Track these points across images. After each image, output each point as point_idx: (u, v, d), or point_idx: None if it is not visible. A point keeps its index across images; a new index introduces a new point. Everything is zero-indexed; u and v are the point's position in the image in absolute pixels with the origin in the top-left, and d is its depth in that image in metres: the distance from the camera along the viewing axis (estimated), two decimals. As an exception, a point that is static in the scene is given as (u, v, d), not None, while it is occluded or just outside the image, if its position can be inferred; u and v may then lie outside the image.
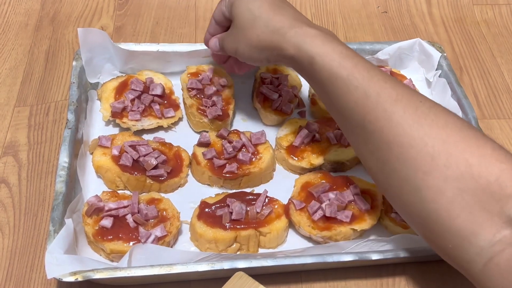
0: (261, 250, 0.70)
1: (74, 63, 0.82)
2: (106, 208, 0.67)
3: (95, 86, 0.84)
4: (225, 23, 0.73)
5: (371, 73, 0.58)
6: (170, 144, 0.77)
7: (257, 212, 0.69)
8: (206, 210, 0.69)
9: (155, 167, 0.72)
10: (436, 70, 0.89)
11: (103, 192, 0.70)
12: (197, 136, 0.78)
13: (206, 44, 0.77)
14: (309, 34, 0.62)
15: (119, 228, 0.66)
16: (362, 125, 0.58)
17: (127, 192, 0.73)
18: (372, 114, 0.57)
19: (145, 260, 0.62)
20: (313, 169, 0.76)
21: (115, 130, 0.80)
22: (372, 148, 0.58)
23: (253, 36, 0.66)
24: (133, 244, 0.64)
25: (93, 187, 0.73)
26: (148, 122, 0.79)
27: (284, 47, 0.63)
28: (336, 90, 0.59)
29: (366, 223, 0.69)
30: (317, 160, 0.76)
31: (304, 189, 0.72)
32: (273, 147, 0.79)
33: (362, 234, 0.71)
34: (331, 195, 0.70)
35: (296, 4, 1.06)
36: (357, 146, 0.62)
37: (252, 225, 0.68)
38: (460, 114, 0.82)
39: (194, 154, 0.76)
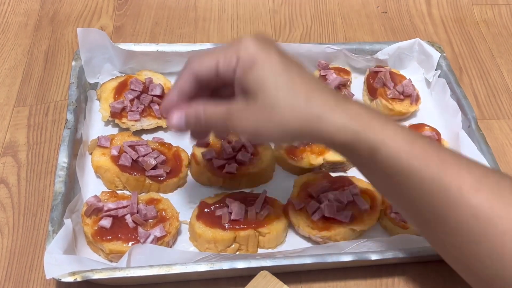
0: (260, 251, 0.69)
1: (73, 63, 0.82)
2: (105, 208, 0.67)
3: (95, 86, 0.84)
4: (212, 83, 0.56)
5: (442, 156, 0.52)
6: (170, 144, 0.77)
7: (257, 213, 0.69)
8: (206, 210, 0.69)
9: (154, 167, 0.72)
10: (436, 70, 0.89)
11: (102, 192, 0.70)
12: (197, 136, 0.78)
13: (164, 113, 0.58)
14: (363, 116, 0.52)
15: (118, 228, 0.66)
16: (442, 221, 0.52)
17: (126, 192, 0.73)
18: (455, 210, 0.51)
19: (144, 260, 0.62)
20: (313, 169, 0.76)
21: (114, 130, 0.80)
22: (455, 242, 0.52)
23: (289, 120, 0.52)
24: (132, 244, 0.64)
25: (92, 187, 0.73)
26: (148, 122, 0.79)
27: (334, 134, 0.52)
28: (406, 182, 0.52)
29: (365, 223, 0.69)
30: (317, 160, 0.76)
31: (304, 189, 0.72)
32: (272, 147, 0.79)
33: (362, 234, 0.71)
34: (331, 195, 0.70)
35: (295, 5, 1.06)
36: (435, 239, 0.56)
37: (251, 225, 0.68)
38: (459, 114, 0.82)
39: (193, 154, 0.76)
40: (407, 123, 0.84)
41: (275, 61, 0.53)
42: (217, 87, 0.58)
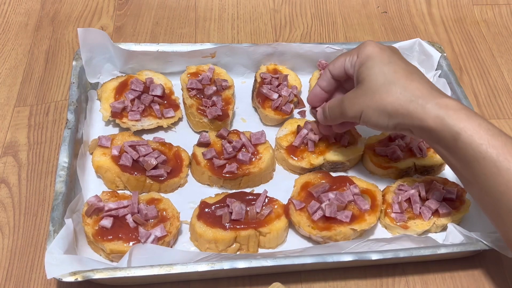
0: (261, 250, 0.70)
1: (74, 63, 0.82)
2: (106, 208, 0.67)
3: (95, 86, 0.84)
4: (343, 79, 0.71)
5: None
6: (170, 144, 0.77)
7: (257, 212, 0.69)
8: (206, 210, 0.69)
9: (155, 167, 0.72)
10: (436, 70, 0.89)
11: (103, 192, 0.70)
12: (197, 136, 0.78)
13: (311, 103, 0.77)
14: (452, 106, 0.59)
15: (119, 228, 0.66)
16: None
17: (127, 192, 0.73)
18: None
19: (145, 260, 0.62)
20: (313, 169, 0.76)
21: (115, 130, 0.80)
22: None
23: (386, 101, 0.62)
24: (133, 244, 0.64)
25: (93, 187, 0.73)
26: (148, 122, 0.79)
27: (423, 118, 0.59)
28: (483, 170, 0.56)
29: (366, 223, 0.69)
30: (317, 160, 0.76)
31: (304, 189, 0.72)
32: (273, 147, 0.79)
33: (362, 234, 0.71)
34: (331, 195, 0.70)
35: (296, 4, 1.06)
36: (507, 231, 0.58)
37: (252, 225, 0.68)
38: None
39: (194, 154, 0.76)
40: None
41: (385, 55, 0.64)
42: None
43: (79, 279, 0.59)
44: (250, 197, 0.71)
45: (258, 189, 0.75)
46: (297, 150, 0.77)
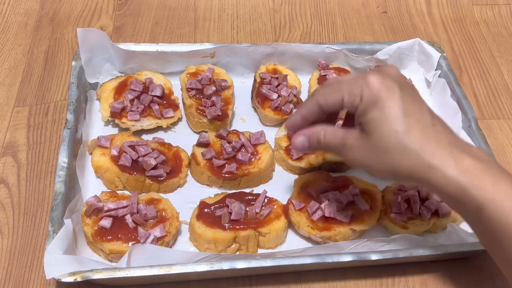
0: (260, 251, 0.69)
1: (73, 63, 0.82)
2: (105, 208, 0.67)
3: (95, 86, 0.84)
4: (336, 111, 0.61)
5: None
6: (169, 144, 0.77)
7: (257, 213, 0.69)
8: (205, 210, 0.69)
9: (154, 167, 0.72)
10: (436, 70, 0.89)
11: (102, 192, 0.70)
12: (197, 136, 0.78)
13: (291, 129, 0.63)
14: (475, 171, 0.52)
15: (118, 228, 0.66)
16: None
17: (126, 192, 0.73)
18: None
19: (144, 260, 0.62)
20: (313, 169, 0.76)
21: (114, 130, 0.80)
22: None
23: (400, 165, 0.54)
24: (132, 244, 0.64)
25: (92, 187, 0.73)
26: (148, 122, 0.79)
27: (443, 186, 0.53)
28: (510, 242, 0.51)
29: (365, 224, 0.69)
30: (317, 160, 0.76)
31: (304, 189, 0.72)
32: (272, 147, 0.79)
33: (362, 234, 0.71)
34: (331, 195, 0.70)
35: (295, 4, 1.06)
36: None
37: (252, 225, 0.68)
38: (459, 114, 0.82)
39: (193, 154, 0.76)
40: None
41: (395, 103, 0.54)
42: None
43: (79, 279, 0.59)
44: (249, 197, 0.71)
45: (257, 189, 0.75)
46: (297, 150, 0.77)
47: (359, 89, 0.55)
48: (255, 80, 0.86)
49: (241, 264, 0.62)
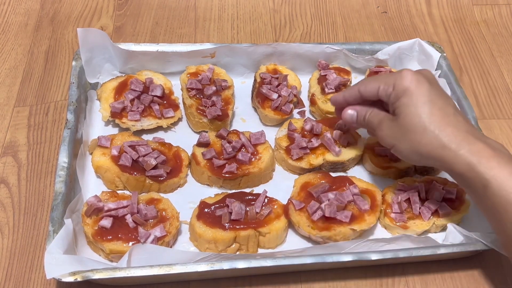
0: (260, 250, 0.70)
1: (73, 63, 0.82)
2: (106, 208, 0.67)
3: (95, 86, 0.84)
4: (373, 101, 0.69)
5: None
6: (170, 144, 0.77)
7: (257, 212, 0.69)
8: (206, 210, 0.69)
9: (155, 167, 0.72)
10: (436, 70, 0.89)
11: (103, 192, 0.70)
12: (197, 136, 0.78)
13: (335, 104, 0.73)
14: (484, 153, 0.59)
15: (118, 228, 0.66)
16: None
17: (127, 192, 0.73)
18: None
19: (144, 260, 0.62)
20: (313, 169, 0.76)
21: (115, 130, 0.80)
22: None
23: (419, 143, 0.62)
24: (133, 244, 0.64)
25: (92, 187, 0.73)
26: (148, 122, 0.79)
27: (454, 163, 0.60)
28: (510, 219, 0.56)
29: (365, 223, 0.69)
30: (317, 160, 0.76)
31: (304, 189, 0.72)
32: (273, 147, 0.79)
33: (362, 234, 0.71)
34: (331, 195, 0.70)
35: (295, 4, 1.06)
36: None
37: (252, 225, 0.68)
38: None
39: (193, 154, 0.76)
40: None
41: (423, 92, 0.63)
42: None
43: (79, 279, 0.59)
44: (249, 197, 0.71)
45: (257, 189, 0.75)
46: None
47: (393, 80, 0.65)
48: (255, 80, 0.86)
49: (241, 264, 0.62)
